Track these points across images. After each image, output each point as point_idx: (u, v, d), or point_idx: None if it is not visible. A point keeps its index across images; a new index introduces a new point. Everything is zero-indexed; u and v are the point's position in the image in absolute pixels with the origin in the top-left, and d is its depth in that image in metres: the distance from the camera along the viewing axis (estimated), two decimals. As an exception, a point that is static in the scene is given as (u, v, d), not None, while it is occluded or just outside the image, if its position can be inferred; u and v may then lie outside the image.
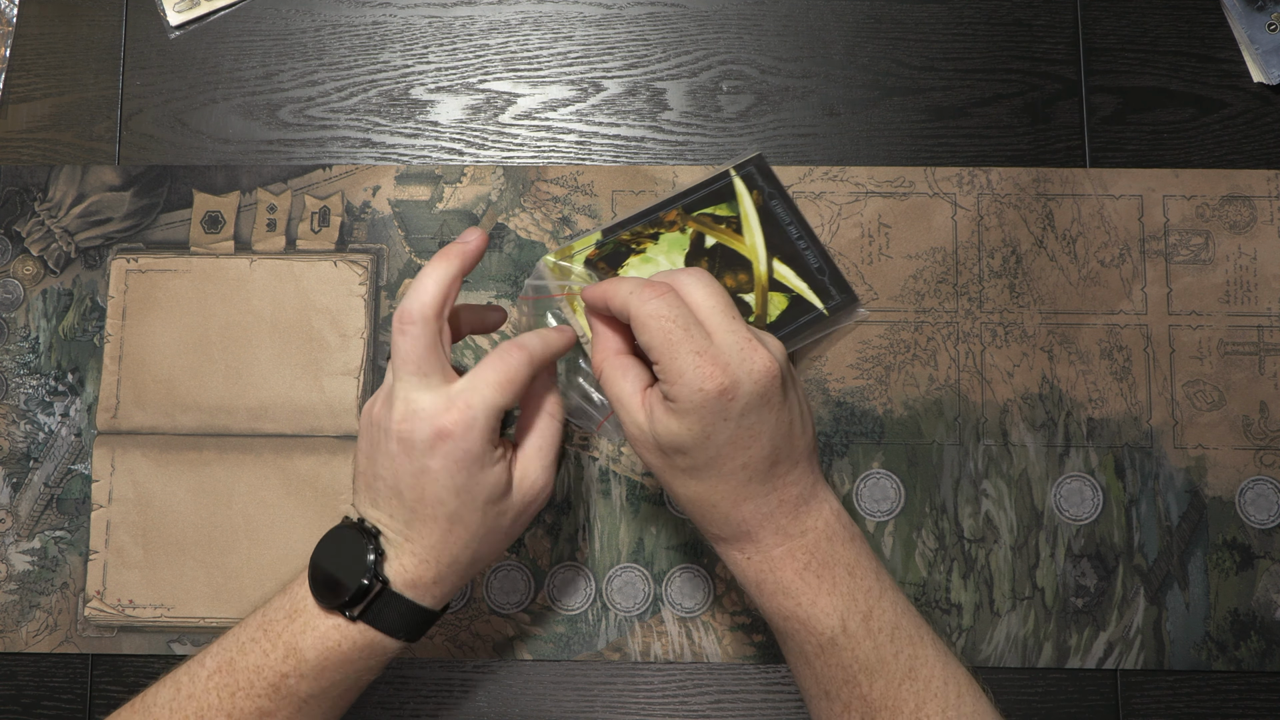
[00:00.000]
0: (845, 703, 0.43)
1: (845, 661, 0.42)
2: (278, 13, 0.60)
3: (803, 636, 0.43)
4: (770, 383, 0.41)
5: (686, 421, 0.41)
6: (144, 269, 0.57)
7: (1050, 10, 0.60)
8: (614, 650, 0.54)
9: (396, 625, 0.44)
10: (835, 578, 0.43)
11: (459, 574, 0.45)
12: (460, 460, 0.42)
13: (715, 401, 0.40)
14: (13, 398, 0.56)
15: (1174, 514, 0.55)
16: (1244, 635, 0.54)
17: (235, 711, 0.44)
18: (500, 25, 0.60)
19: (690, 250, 0.52)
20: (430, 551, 0.44)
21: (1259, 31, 0.58)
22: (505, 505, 0.44)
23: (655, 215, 0.52)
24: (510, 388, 0.43)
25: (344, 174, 0.58)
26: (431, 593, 0.44)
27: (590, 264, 0.51)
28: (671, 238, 0.52)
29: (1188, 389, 0.56)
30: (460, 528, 0.44)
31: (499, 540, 0.45)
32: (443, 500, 0.43)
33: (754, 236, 0.53)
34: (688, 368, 0.40)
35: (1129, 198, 0.58)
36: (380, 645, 0.44)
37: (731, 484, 0.42)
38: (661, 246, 0.52)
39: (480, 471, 0.43)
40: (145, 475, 0.55)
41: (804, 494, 0.43)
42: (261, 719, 0.44)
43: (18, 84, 0.60)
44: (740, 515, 0.42)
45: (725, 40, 0.60)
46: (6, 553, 0.55)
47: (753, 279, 0.52)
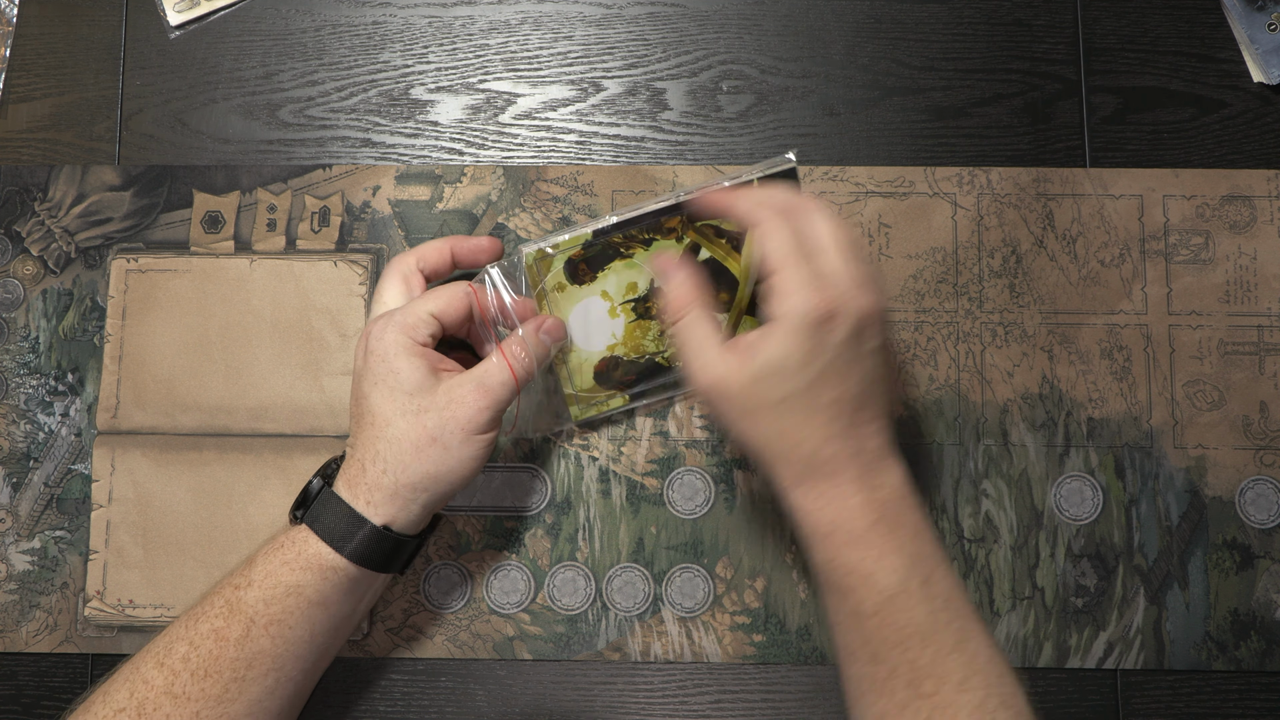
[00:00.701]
0: (892, 667, 0.43)
1: (900, 623, 0.43)
2: (278, 13, 0.60)
3: (862, 593, 0.43)
4: (870, 324, 0.43)
5: (790, 341, 0.42)
6: (144, 269, 0.57)
7: (1050, 10, 0.60)
8: (614, 650, 0.54)
9: (332, 528, 0.46)
10: (902, 538, 0.43)
11: (393, 482, 0.46)
12: (379, 352, 0.46)
13: (819, 325, 0.42)
14: (13, 398, 0.56)
15: (1174, 514, 0.55)
16: (1244, 635, 0.54)
17: (194, 636, 0.45)
18: (500, 25, 0.60)
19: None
20: (362, 450, 0.46)
21: (1259, 31, 0.58)
22: (425, 402, 0.46)
23: (656, 220, 0.50)
24: (445, 302, 0.47)
25: (344, 174, 0.58)
26: (366, 497, 0.46)
27: (571, 265, 0.50)
28: (665, 246, 0.50)
29: (1188, 389, 0.56)
30: (381, 422, 0.46)
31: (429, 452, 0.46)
32: (366, 394, 0.47)
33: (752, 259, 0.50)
34: (802, 285, 0.42)
35: (1129, 198, 0.58)
36: (314, 551, 0.46)
37: (821, 419, 0.43)
38: (651, 252, 0.50)
39: (394, 360, 0.46)
40: (145, 475, 0.55)
41: (882, 449, 0.44)
42: (217, 641, 0.45)
43: (18, 84, 0.60)
44: (825, 454, 0.43)
45: (725, 40, 0.60)
46: (6, 553, 0.55)
47: (734, 300, 0.51)
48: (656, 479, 0.55)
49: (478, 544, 0.55)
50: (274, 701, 0.46)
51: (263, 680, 0.45)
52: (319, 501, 0.47)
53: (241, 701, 0.45)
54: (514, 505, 0.55)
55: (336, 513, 0.46)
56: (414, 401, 0.46)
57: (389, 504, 0.46)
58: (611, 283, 0.51)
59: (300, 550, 0.46)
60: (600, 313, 0.51)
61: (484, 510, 0.55)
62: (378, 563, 0.47)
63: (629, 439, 0.56)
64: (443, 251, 0.51)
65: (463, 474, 0.47)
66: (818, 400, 0.43)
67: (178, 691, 0.44)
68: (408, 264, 0.50)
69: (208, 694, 0.44)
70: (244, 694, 0.45)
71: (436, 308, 0.47)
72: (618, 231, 0.49)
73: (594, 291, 0.51)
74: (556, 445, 0.56)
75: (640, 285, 0.51)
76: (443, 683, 0.54)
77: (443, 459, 0.46)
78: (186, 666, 0.45)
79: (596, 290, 0.51)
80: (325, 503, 0.46)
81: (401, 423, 0.46)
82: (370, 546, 0.46)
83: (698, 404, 0.53)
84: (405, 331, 0.46)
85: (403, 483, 0.46)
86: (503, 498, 0.55)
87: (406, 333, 0.46)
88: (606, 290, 0.51)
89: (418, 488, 0.46)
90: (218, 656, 0.45)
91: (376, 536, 0.46)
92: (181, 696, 0.44)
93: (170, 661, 0.45)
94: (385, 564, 0.47)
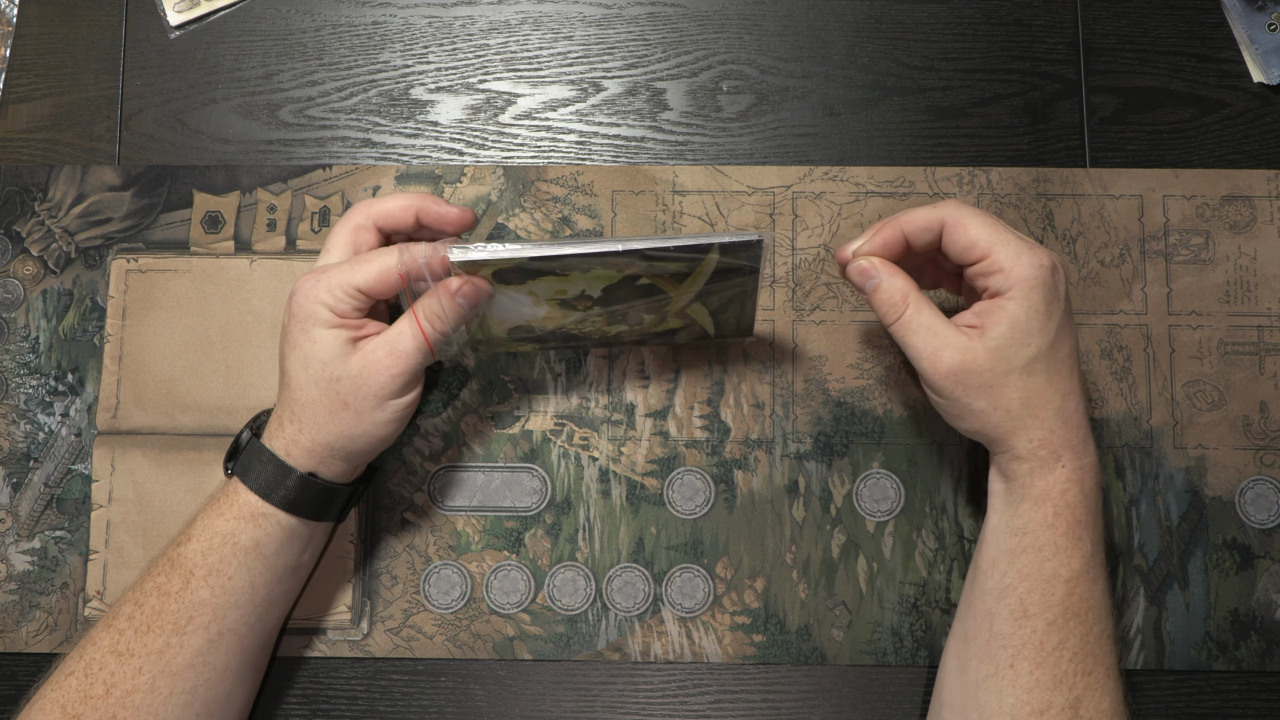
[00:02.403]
0: (1063, 637, 0.44)
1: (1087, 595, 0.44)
2: (278, 13, 0.60)
3: (1069, 554, 0.44)
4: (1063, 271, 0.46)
5: (1029, 302, 0.43)
6: (144, 269, 0.57)
7: (1050, 10, 0.60)
8: (614, 650, 0.54)
9: (259, 478, 0.47)
10: (1099, 514, 0.46)
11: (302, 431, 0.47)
12: (296, 316, 0.47)
13: (1051, 278, 0.44)
14: (13, 398, 0.56)
15: (1174, 514, 0.55)
16: (1244, 635, 0.54)
17: (139, 595, 0.46)
18: (500, 25, 0.60)
19: (617, 283, 0.48)
20: (281, 407, 0.48)
21: (1259, 31, 0.58)
22: (338, 370, 0.46)
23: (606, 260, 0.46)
24: (366, 267, 0.47)
25: (344, 174, 0.58)
26: (281, 440, 0.47)
27: (502, 274, 0.46)
28: (604, 273, 0.47)
29: (1188, 389, 0.56)
30: (296, 385, 0.47)
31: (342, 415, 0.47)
32: (285, 355, 0.48)
33: (690, 293, 0.49)
34: (1023, 250, 0.44)
35: (1129, 198, 0.58)
36: (244, 500, 0.47)
37: (1064, 372, 0.45)
38: (588, 276, 0.47)
39: (312, 329, 0.47)
40: (145, 475, 0.55)
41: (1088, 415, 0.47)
42: (159, 596, 0.46)
43: (18, 84, 0.60)
44: (1069, 409, 0.45)
45: (725, 40, 0.60)
46: (6, 553, 0.55)
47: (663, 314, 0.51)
48: (656, 479, 0.55)
49: (478, 544, 0.55)
50: (218, 655, 0.46)
51: (204, 632, 0.46)
52: (247, 452, 0.48)
53: (184, 653, 0.45)
54: (514, 505, 0.55)
55: (262, 462, 0.47)
56: (327, 369, 0.46)
57: (308, 458, 0.47)
58: (541, 286, 0.48)
59: (233, 500, 0.47)
60: (525, 304, 0.49)
61: (484, 510, 0.55)
62: (308, 510, 0.48)
63: (629, 439, 0.56)
64: (407, 212, 0.49)
65: (379, 435, 0.48)
66: (1058, 354, 0.45)
67: (122, 649, 0.45)
68: (364, 217, 0.49)
69: (149, 648, 0.45)
70: (185, 646, 0.45)
71: (364, 282, 0.46)
72: (558, 262, 0.46)
73: (521, 290, 0.48)
74: (556, 444, 0.56)
75: (569, 291, 0.48)
76: (443, 683, 0.54)
77: (355, 422, 0.47)
78: (131, 624, 0.46)
79: (524, 290, 0.48)
80: (253, 453, 0.48)
81: (313, 389, 0.47)
82: (297, 494, 0.47)
83: (924, 390, 0.49)
84: (325, 302, 0.47)
85: (319, 442, 0.47)
86: (503, 498, 0.55)
87: (326, 303, 0.47)
88: (535, 291, 0.48)
89: (333, 447, 0.47)
90: (159, 611, 0.46)
91: (302, 484, 0.47)
92: (125, 653, 0.45)
93: (116, 622, 0.46)
94: (318, 512, 0.49)
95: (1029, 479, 0.45)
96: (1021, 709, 0.43)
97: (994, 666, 0.44)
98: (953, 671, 0.47)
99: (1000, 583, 0.45)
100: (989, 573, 0.46)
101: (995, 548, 0.46)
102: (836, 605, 0.54)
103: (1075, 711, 0.43)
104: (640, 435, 0.56)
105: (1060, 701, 0.43)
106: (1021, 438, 0.45)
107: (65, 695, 0.45)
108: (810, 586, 0.54)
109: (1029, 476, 0.45)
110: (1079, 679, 0.43)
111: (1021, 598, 0.44)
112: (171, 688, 0.45)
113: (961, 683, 0.46)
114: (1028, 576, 0.45)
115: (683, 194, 0.58)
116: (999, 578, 0.45)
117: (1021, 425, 0.45)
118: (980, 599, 0.46)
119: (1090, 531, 0.45)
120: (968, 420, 0.46)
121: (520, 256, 0.45)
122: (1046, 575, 0.44)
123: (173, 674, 0.45)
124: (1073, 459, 0.45)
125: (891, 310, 0.46)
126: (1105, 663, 0.44)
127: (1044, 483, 0.45)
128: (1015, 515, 0.45)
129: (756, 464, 0.55)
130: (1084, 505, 0.45)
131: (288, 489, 0.47)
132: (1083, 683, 0.43)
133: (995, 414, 0.45)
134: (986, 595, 0.46)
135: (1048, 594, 0.44)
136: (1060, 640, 0.43)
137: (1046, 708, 0.43)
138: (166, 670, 0.45)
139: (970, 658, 0.46)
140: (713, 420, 0.56)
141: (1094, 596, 0.44)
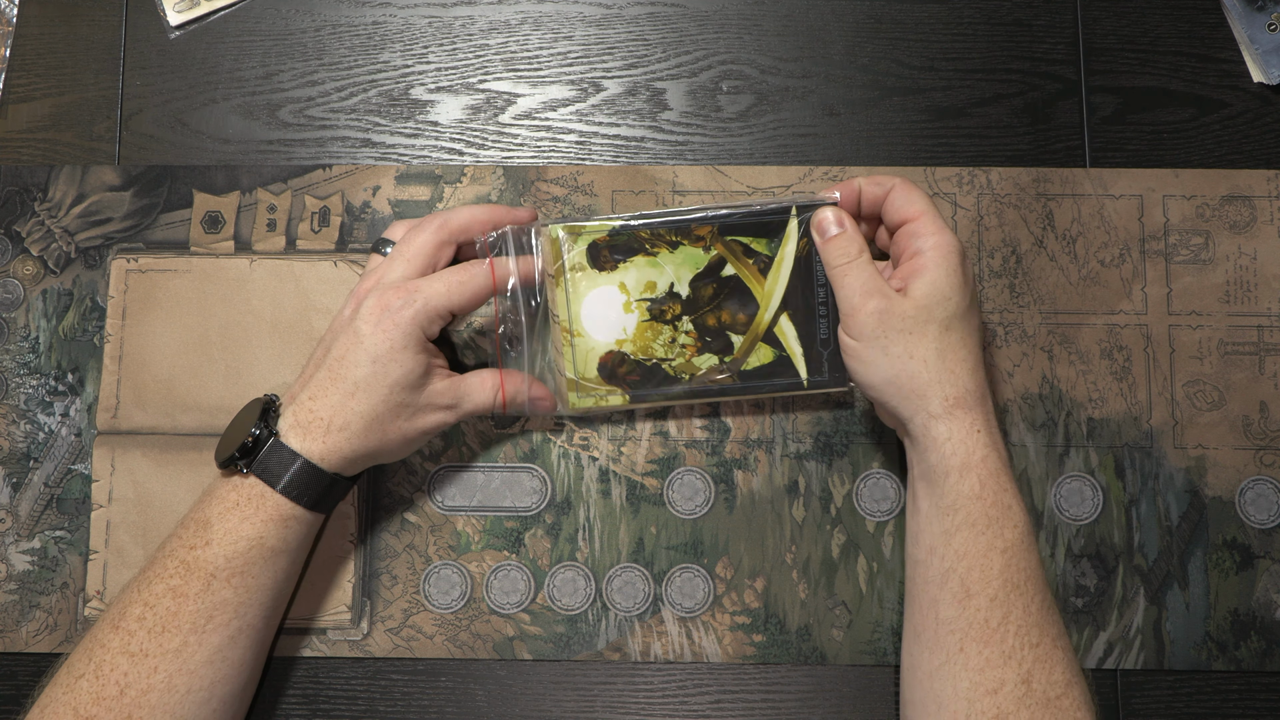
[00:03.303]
0: (1007, 611, 0.44)
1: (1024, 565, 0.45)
2: (278, 13, 0.60)
3: (1003, 525, 0.45)
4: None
5: (948, 266, 0.47)
6: (144, 269, 0.57)
7: (1050, 10, 0.60)
8: (614, 650, 0.54)
9: (282, 476, 0.46)
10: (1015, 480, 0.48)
11: (349, 441, 0.47)
12: (388, 332, 0.47)
13: (963, 258, 0.48)
14: (13, 398, 0.56)
15: (1174, 514, 0.55)
16: (1244, 635, 0.54)
17: (150, 597, 0.46)
18: (500, 25, 0.60)
19: (703, 271, 0.51)
20: (326, 408, 0.47)
21: (1259, 31, 0.58)
22: (405, 399, 0.47)
23: (686, 224, 0.50)
24: (462, 290, 0.48)
25: (344, 174, 0.58)
26: (319, 444, 0.47)
27: (594, 249, 0.50)
28: (691, 253, 0.51)
29: (1188, 389, 0.56)
30: (363, 396, 0.47)
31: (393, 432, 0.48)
32: (359, 363, 0.47)
33: (777, 285, 0.51)
34: (944, 226, 0.48)
35: (1129, 198, 0.58)
36: (273, 504, 0.47)
37: (973, 343, 0.48)
38: (676, 257, 0.51)
39: (401, 352, 0.47)
40: (145, 475, 0.55)
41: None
42: (174, 598, 0.46)
43: (18, 84, 0.60)
44: (975, 381, 0.47)
45: (725, 40, 0.60)
46: (6, 553, 0.55)
47: (750, 324, 0.52)
48: (656, 479, 0.55)
49: (478, 544, 0.55)
50: (235, 650, 0.47)
51: (224, 629, 0.46)
52: (271, 454, 0.47)
53: (203, 651, 0.45)
54: (514, 505, 0.55)
55: (284, 458, 0.47)
56: (395, 395, 0.47)
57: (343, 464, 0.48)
58: (631, 276, 0.51)
59: (259, 504, 0.47)
60: (615, 304, 0.51)
61: (484, 510, 0.55)
62: (329, 506, 0.50)
63: (629, 439, 0.56)
64: (487, 226, 0.51)
65: (398, 456, 0.51)
66: (970, 324, 0.48)
67: (134, 649, 0.45)
68: (448, 233, 0.50)
69: (165, 648, 0.45)
70: (204, 644, 0.45)
71: (458, 303, 0.48)
72: (646, 228, 0.50)
73: (612, 281, 0.51)
74: (556, 444, 0.56)
75: (659, 286, 0.51)
76: (443, 683, 0.54)
77: (384, 443, 0.49)
78: (142, 625, 0.45)
79: (615, 280, 0.51)
80: (278, 455, 0.47)
81: (382, 407, 0.47)
82: (326, 494, 0.48)
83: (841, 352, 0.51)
84: (422, 324, 0.47)
85: (360, 452, 0.48)
86: (503, 498, 0.55)
87: (422, 325, 0.47)
88: (625, 283, 0.51)
89: (372, 456, 0.49)
90: (175, 612, 0.45)
91: (332, 485, 0.48)
92: (139, 654, 0.45)
93: (125, 624, 0.46)
94: (333, 506, 0.50)
95: (948, 447, 0.46)
96: (975, 690, 0.43)
97: (945, 654, 0.45)
98: (909, 669, 0.47)
99: (940, 567, 0.46)
100: (928, 561, 0.47)
101: (930, 534, 0.47)
102: (836, 605, 0.54)
103: (1028, 686, 0.43)
104: (640, 435, 0.56)
105: (1012, 677, 0.43)
106: (936, 392, 0.46)
107: (77, 698, 0.44)
108: (810, 586, 0.54)
109: (948, 444, 0.46)
110: (1027, 651, 0.44)
111: (962, 577, 0.45)
112: (189, 685, 0.45)
113: (917, 678, 0.46)
114: (965, 555, 0.45)
115: (683, 194, 0.58)
116: (938, 563, 0.46)
117: (937, 379, 0.46)
118: (923, 589, 0.47)
119: (1017, 500, 0.46)
120: (883, 365, 0.47)
121: (612, 220, 0.50)
122: (982, 549, 0.45)
123: (190, 671, 0.45)
124: (985, 423, 0.47)
125: (843, 255, 0.49)
126: (1050, 633, 0.44)
127: (964, 450, 0.46)
128: (943, 494, 0.46)
129: (756, 464, 0.55)
130: (1005, 472, 0.46)
131: (318, 492, 0.47)
132: (1031, 655, 0.44)
133: (913, 362, 0.46)
134: (929, 584, 0.46)
135: (986, 568, 0.45)
136: (1004, 615, 0.44)
137: (999, 686, 0.43)
138: (184, 668, 0.45)
139: (921, 651, 0.46)
140: (713, 420, 0.56)
141: (1030, 566, 0.45)
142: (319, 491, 0.48)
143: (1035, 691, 0.43)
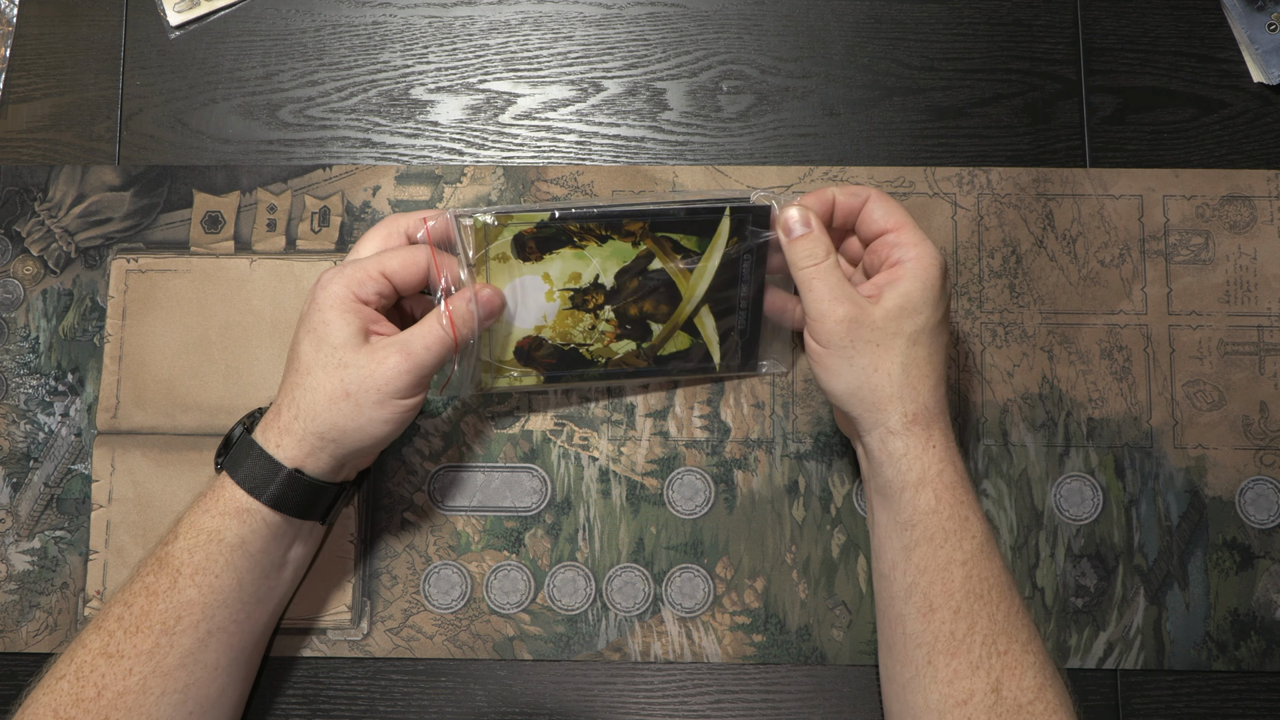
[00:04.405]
0: (972, 621, 0.44)
1: (985, 574, 0.45)
2: (278, 13, 0.60)
3: (960, 538, 0.45)
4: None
5: (924, 278, 0.46)
6: (144, 269, 0.57)
7: (1050, 10, 0.60)
8: (614, 650, 0.54)
9: (247, 473, 0.47)
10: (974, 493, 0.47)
11: (301, 428, 0.47)
12: (318, 299, 0.47)
13: (943, 273, 0.47)
14: (13, 398, 0.56)
15: (1174, 514, 0.55)
16: (1244, 635, 0.54)
17: (128, 595, 0.46)
18: (500, 25, 0.60)
19: (629, 265, 0.50)
20: (283, 395, 0.47)
21: (1259, 31, 0.58)
22: (348, 357, 0.46)
23: (618, 220, 0.49)
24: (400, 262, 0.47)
25: (344, 174, 0.58)
26: (276, 440, 0.47)
27: (520, 240, 0.49)
28: (619, 247, 0.50)
29: (1188, 389, 0.56)
30: (303, 369, 0.47)
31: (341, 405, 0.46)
32: (298, 340, 0.47)
33: (702, 280, 0.51)
34: (924, 239, 0.47)
35: (1129, 198, 0.58)
36: (229, 495, 0.47)
37: (939, 360, 0.47)
38: (604, 251, 0.50)
39: (329, 311, 0.46)
40: (145, 475, 0.55)
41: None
42: (147, 596, 0.46)
43: (18, 84, 0.60)
44: (937, 396, 0.46)
45: (725, 40, 0.60)
46: (6, 553, 0.55)
47: (671, 315, 0.52)
48: (656, 479, 0.55)
49: (478, 544, 0.55)
50: (208, 654, 0.46)
51: (193, 631, 0.46)
52: (238, 447, 0.48)
53: (174, 653, 0.45)
54: (514, 505, 0.55)
55: (251, 457, 0.47)
56: (336, 355, 0.46)
57: (296, 448, 0.47)
58: (556, 267, 0.50)
59: (219, 496, 0.47)
60: (537, 293, 0.51)
61: (484, 510, 0.55)
62: (293, 507, 0.47)
63: (629, 439, 0.56)
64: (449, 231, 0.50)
65: (374, 434, 0.47)
66: (939, 340, 0.47)
67: (112, 650, 0.45)
68: (400, 226, 0.49)
69: (139, 649, 0.45)
70: (175, 646, 0.45)
71: (390, 266, 0.47)
72: (576, 221, 0.49)
73: (536, 271, 0.50)
74: (556, 444, 0.56)
75: (584, 277, 0.51)
76: (443, 683, 0.54)
77: (353, 415, 0.46)
78: (120, 625, 0.45)
79: (539, 271, 0.50)
80: (243, 448, 0.47)
81: (320, 373, 0.46)
82: (282, 490, 0.47)
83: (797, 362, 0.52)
84: (349, 285, 0.47)
85: (310, 430, 0.47)
86: (503, 498, 0.55)
87: (351, 286, 0.47)
88: (549, 273, 0.50)
89: (324, 437, 0.47)
90: (148, 611, 0.45)
91: (289, 480, 0.47)
92: (115, 655, 0.45)
93: (106, 624, 0.46)
94: (303, 510, 0.48)
95: (904, 462, 0.46)
96: (945, 702, 0.43)
97: (914, 668, 0.45)
98: (885, 681, 0.48)
99: (903, 582, 0.46)
100: (891, 576, 0.46)
101: (891, 549, 0.47)
102: (836, 605, 0.54)
103: (998, 694, 0.43)
104: (640, 435, 0.56)
105: (981, 687, 0.43)
106: (897, 408, 0.46)
107: (57, 699, 0.45)
108: (810, 586, 0.54)
109: (904, 459, 0.46)
110: (995, 660, 0.43)
111: (924, 591, 0.45)
112: (163, 688, 0.45)
113: (893, 690, 0.46)
114: (926, 570, 0.45)
115: (682, 194, 0.58)
116: (900, 578, 0.46)
117: (899, 395, 0.46)
118: (890, 604, 0.47)
119: (975, 510, 0.46)
120: (847, 376, 0.46)
121: (542, 211, 0.48)
122: (942, 562, 0.45)
123: (163, 674, 0.45)
124: (942, 438, 0.46)
125: (810, 257, 0.47)
126: (1019, 639, 0.44)
127: (920, 465, 0.45)
128: (899, 510, 0.46)
129: (756, 464, 0.55)
130: (961, 485, 0.46)
131: (273, 485, 0.47)
132: (1000, 663, 0.43)
133: (877, 375, 0.46)
134: (894, 600, 0.46)
135: (947, 582, 0.44)
136: (969, 626, 0.44)
137: (969, 697, 0.43)
138: (157, 671, 0.45)
139: (894, 665, 0.46)
140: (713, 420, 0.56)
141: (993, 575, 0.45)
142: (279, 487, 0.47)
143: (1006, 699, 0.43)
